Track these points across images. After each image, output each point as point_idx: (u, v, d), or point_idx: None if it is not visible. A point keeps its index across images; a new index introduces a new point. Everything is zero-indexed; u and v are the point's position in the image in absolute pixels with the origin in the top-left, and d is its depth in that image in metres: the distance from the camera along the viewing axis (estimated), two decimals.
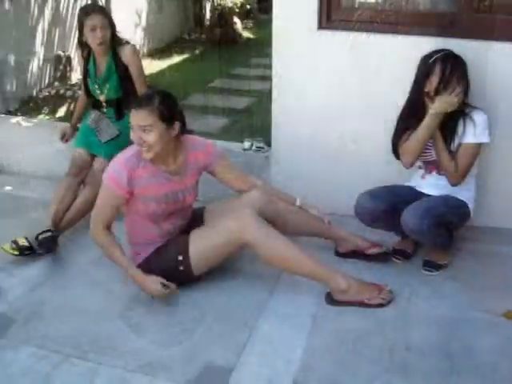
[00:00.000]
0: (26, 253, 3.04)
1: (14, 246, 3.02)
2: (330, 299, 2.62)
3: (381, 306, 2.59)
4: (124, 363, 2.33)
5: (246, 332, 2.48)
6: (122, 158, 2.61)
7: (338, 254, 2.99)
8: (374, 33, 2.97)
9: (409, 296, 2.68)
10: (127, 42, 3.44)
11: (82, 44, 3.37)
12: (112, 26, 3.32)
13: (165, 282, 2.58)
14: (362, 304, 2.57)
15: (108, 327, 2.55)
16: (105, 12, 3.34)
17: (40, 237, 3.07)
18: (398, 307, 2.61)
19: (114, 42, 3.35)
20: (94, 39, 3.25)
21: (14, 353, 2.42)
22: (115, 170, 2.58)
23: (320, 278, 2.59)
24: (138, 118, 2.48)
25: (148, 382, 2.24)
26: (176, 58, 6.58)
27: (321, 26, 3.05)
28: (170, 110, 2.53)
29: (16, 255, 3.02)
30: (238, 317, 2.58)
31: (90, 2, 5.58)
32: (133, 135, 2.53)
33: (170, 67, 6.19)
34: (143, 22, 6.81)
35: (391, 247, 2.99)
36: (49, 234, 3.09)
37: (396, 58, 2.97)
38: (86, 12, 3.29)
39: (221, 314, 2.60)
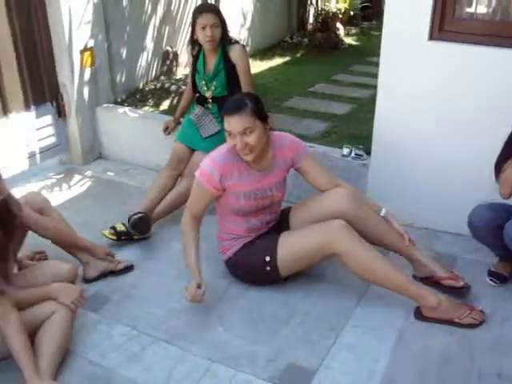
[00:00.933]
0: (123, 238, 3.20)
1: (112, 231, 3.19)
2: (419, 314, 2.57)
3: (472, 326, 2.51)
4: (210, 354, 2.40)
5: (331, 338, 2.48)
6: (216, 155, 2.66)
7: (414, 277, 2.83)
8: (487, 46, 2.87)
9: (502, 321, 2.58)
10: (236, 42, 3.51)
11: (193, 41, 3.47)
12: (223, 25, 3.39)
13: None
14: (451, 322, 2.51)
15: (197, 317, 2.63)
16: (217, 11, 3.42)
17: (132, 218, 3.20)
18: (489, 331, 2.52)
19: (224, 41, 3.42)
20: (203, 37, 3.35)
21: (107, 329, 2.56)
22: (208, 168, 2.63)
23: (408, 294, 2.55)
24: (238, 123, 2.49)
25: (232, 375, 2.29)
26: (277, 60, 6.63)
27: (432, 37, 2.99)
28: (262, 109, 2.58)
29: (114, 240, 3.17)
30: (324, 322, 2.59)
31: (202, 1, 5.73)
32: (232, 141, 2.54)
33: (271, 69, 6.25)
34: (248, 23, 6.92)
35: (490, 269, 2.87)
36: (139, 215, 3.22)
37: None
38: (199, 11, 3.40)
39: (307, 318, 2.62)
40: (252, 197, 2.70)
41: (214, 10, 3.41)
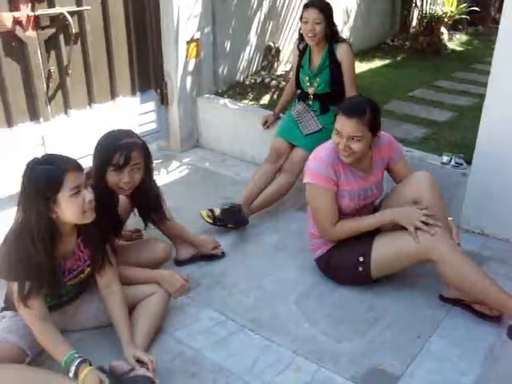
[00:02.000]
0: (218, 223, 3.28)
1: (209, 213, 3.27)
2: None
3: None
4: (294, 347, 2.43)
5: (418, 345, 2.45)
6: (323, 154, 2.66)
7: (441, 298, 2.72)
8: None
9: None
10: (344, 40, 3.51)
11: (302, 36, 3.50)
12: (328, 22, 3.38)
13: None
14: None
15: (283, 309, 2.67)
16: (322, 8, 3.37)
17: (228, 208, 3.28)
18: None
19: (331, 39, 3.42)
20: (304, 31, 3.38)
21: (196, 312, 2.65)
22: (320, 169, 2.62)
23: (504, 310, 2.47)
24: (350, 127, 2.51)
25: (314, 370, 2.31)
26: (377, 62, 6.56)
27: None
28: (377, 121, 2.58)
29: (209, 223, 3.26)
30: (411, 328, 2.55)
31: None
32: (336, 139, 2.57)
33: (371, 70, 6.18)
34: (350, 23, 6.88)
35: None
36: (236, 207, 3.28)
37: None
38: (306, 4, 3.42)
39: (394, 322, 2.59)
40: (356, 196, 2.71)
41: (319, 6, 3.37)
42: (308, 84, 3.52)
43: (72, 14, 3.59)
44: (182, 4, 4.15)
